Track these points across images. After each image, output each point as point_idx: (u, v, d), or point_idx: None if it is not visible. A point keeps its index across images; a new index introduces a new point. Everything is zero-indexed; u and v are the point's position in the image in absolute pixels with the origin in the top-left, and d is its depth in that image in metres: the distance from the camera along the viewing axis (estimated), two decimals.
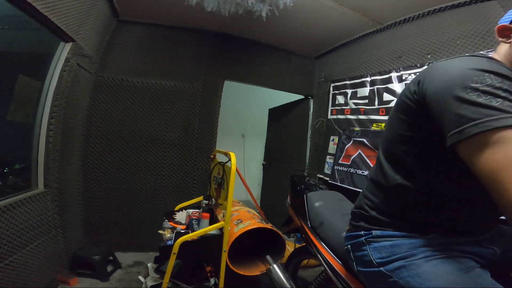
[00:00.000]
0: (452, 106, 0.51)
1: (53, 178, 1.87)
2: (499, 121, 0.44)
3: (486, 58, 0.59)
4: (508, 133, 0.43)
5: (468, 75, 0.51)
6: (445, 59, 0.61)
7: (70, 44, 1.88)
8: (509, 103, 0.46)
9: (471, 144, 0.47)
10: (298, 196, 1.43)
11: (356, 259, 0.78)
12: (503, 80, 0.49)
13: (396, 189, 0.69)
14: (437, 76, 0.57)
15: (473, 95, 0.48)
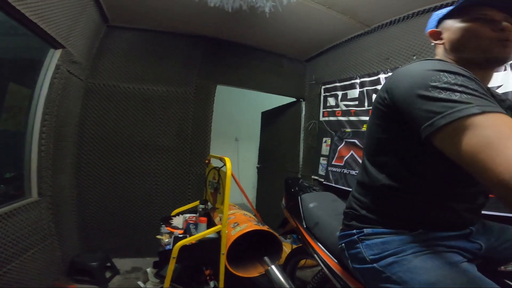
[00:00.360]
0: (419, 104, 0.56)
1: (47, 186, 1.85)
2: (461, 111, 0.49)
3: (437, 60, 0.66)
4: (472, 120, 0.48)
5: (427, 75, 0.58)
6: (406, 65, 0.68)
7: (60, 50, 1.88)
8: (466, 96, 0.51)
9: (443, 135, 0.52)
10: (292, 198, 1.46)
11: (350, 256, 0.81)
12: (456, 77, 0.56)
13: (381, 189, 0.73)
14: (401, 80, 0.63)
15: (435, 92, 0.54)
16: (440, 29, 0.78)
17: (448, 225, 0.71)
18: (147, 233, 2.52)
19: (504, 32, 0.66)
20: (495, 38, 0.67)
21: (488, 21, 0.68)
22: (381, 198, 0.75)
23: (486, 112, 0.48)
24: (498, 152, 0.43)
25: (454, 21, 0.74)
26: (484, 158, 0.44)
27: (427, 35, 0.82)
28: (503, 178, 0.41)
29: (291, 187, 1.55)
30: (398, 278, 0.65)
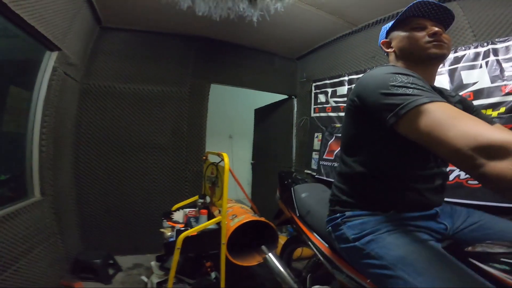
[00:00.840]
0: (383, 100, 0.69)
1: (48, 186, 1.90)
2: (415, 101, 0.62)
3: (391, 66, 0.86)
4: (425, 107, 0.60)
5: (386, 77, 0.72)
6: (368, 72, 0.84)
7: (56, 53, 1.91)
8: (417, 90, 0.65)
9: (404, 122, 0.64)
10: (286, 189, 1.55)
11: (336, 238, 0.92)
12: (408, 77, 0.70)
13: (356, 176, 0.88)
14: (367, 84, 0.77)
15: (394, 89, 0.68)
16: (389, 39, 0.96)
17: (415, 205, 0.84)
18: (147, 230, 2.59)
19: (436, 35, 0.83)
20: (429, 40, 0.84)
21: (423, 28, 0.86)
22: (357, 184, 0.89)
23: (434, 101, 0.61)
24: (449, 128, 0.54)
25: (398, 32, 0.91)
26: (439, 134, 0.56)
27: (380, 46, 1.01)
28: (456, 148, 0.52)
29: (284, 179, 1.65)
30: (376, 253, 0.76)
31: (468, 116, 0.56)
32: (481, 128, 0.51)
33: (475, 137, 0.50)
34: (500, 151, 0.46)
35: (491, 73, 1.58)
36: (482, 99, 1.61)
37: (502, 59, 1.54)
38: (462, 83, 1.71)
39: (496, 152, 0.47)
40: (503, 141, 0.47)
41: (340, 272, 1.02)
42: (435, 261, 0.66)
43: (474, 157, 0.49)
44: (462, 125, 0.53)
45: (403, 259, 0.69)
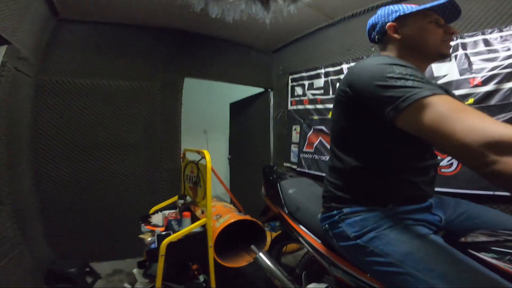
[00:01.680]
0: (380, 92, 0.66)
1: (5, 194, 1.70)
2: (417, 94, 0.60)
3: (386, 56, 0.80)
4: (428, 100, 0.58)
5: (382, 69, 0.68)
6: (360, 61, 0.79)
7: (5, 47, 1.68)
8: (417, 82, 0.62)
9: (405, 115, 0.62)
10: (272, 186, 1.51)
11: (334, 236, 0.89)
12: (406, 68, 0.66)
13: (351, 170, 0.84)
14: (361, 74, 0.73)
15: (392, 81, 0.64)
16: (398, 24, 0.87)
17: (411, 198, 0.84)
18: (124, 234, 2.44)
19: (451, 36, 0.84)
20: (445, 39, 0.84)
21: (440, 25, 0.84)
22: (352, 179, 0.86)
23: (436, 94, 0.59)
24: (455, 122, 0.53)
25: (416, 21, 0.85)
26: (445, 128, 0.54)
27: (386, 27, 0.90)
28: (465, 143, 0.50)
29: (269, 175, 1.61)
30: (381, 251, 0.74)
31: (473, 110, 0.55)
32: (490, 122, 0.50)
33: (485, 132, 0.48)
34: (510, 148, 0.45)
35: (460, 66, 1.68)
36: (452, 91, 1.70)
37: (470, 53, 1.63)
38: (433, 75, 1.80)
39: (505, 149, 0.46)
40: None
41: (337, 268, 1.02)
42: (441, 255, 0.66)
43: (485, 154, 0.47)
44: (469, 119, 0.52)
45: (411, 255, 0.69)
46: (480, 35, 1.61)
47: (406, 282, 0.67)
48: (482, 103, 1.57)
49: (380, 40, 0.94)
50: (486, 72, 1.57)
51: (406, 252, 0.70)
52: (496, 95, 1.54)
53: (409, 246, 0.71)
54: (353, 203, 0.85)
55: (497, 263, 0.65)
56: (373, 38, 0.97)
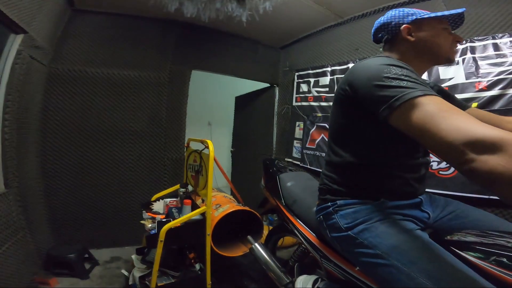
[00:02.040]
0: (376, 91, 0.69)
1: (13, 177, 1.75)
2: (409, 94, 0.62)
3: (386, 57, 0.81)
4: (419, 100, 0.61)
5: (380, 69, 0.71)
6: (361, 61, 0.82)
7: (21, 35, 1.74)
8: (411, 83, 0.65)
9: (398, 113, 0.64)
10: (271, 178, 1.55)
11: (328, 227, 0.93)
12: (402, 69, 0.70)
13: (347, 165, 0.88)
14: (360, 74, 0.77)
15: (388, 81, 0.67)
16: (412, 27, 0.88)
17: (403, 193, 0.87)
18: (124, 222, 2.50)
19: (457, 43, 0.89)
20: (454, 46, 0.88)
21: (449, 32, 0.88)
22: (347, 173, 0.90)
23: (427, 94, 0.61)
24: (441, 121, 0.55)
25: (433, 26, 0.87)
26: (431, 127, 0.56)
27: (400, 28, 0.90)
28: (447, 141, 0.53)
29: (269, 167, 1.64)
30: (369, 243, 0.78)
31: (460, 111, 0.57)
32: (473, 123, 0.52)
33: (467, 132, 0.51)
34: (492, 146, 0.47)
35: (467, 70, 1.67)
36: (456, 94, 1.69)
37: (479, 57, 1.62)
38: (439, 78, 1.79)
39: (487, 148, 0.48)
40: (495, 137, 0.48)
41: (328, 261, 1.05)
42: (425, 250, 0.69)
43: (465, 152, 0.50)
44: (454, 119, 0.54)
45: (397, 248, 0.72)
46: (491, 40, 1.60)
47: (391, 274, 0.70)
48: (485, 108, 1.56)
49: (388, 40, 0.95)
50: (492, 76, 1.56)
51: (392, 245, 0.73)
52: (500, 100, 1.53)
53: (395, 240, 0.74)
54: (347, 196, 0.89)
55: (477, 262, 0.67)
56: (380, 37, 0.97)
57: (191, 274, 1.63)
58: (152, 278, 1.43)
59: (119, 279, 1.95)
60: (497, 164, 0.46)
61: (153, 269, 1.42)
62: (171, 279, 1.56)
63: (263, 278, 1.79)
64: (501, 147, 0.46)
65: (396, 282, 0.69)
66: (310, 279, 1.15)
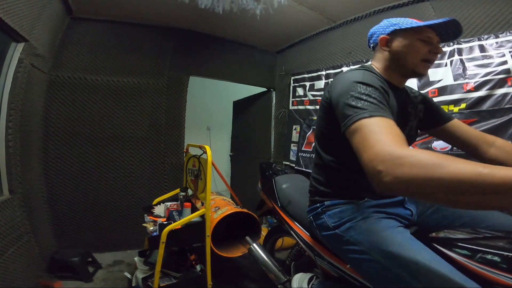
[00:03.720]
0: (341, 109, 0.75)
1: (17, 183, 1.80)
2: (358, 115, 0.68)
3: (363, 70, 0.86)
4: (363, 122, 0.66)
5: (350, 86, 0.77)
6: (343, 73, 0.88)
7: (22, 44, 1.79)
8: (367, 103, 0.70)
9: (349, 132, 0.70)
10: (267, 180, 1.60)
11: (317, 226, 0.99)
12: (367, 87, 0.74)
13: (331, 167, 0.94)
14: (336, 87, 0.83)
15: (350, 100, 0.73)
16: (390, 38, 0.91)
17: None
18: (125, 226, 2.55)
19: (435, 56, 0.88)
20: (425, 59, 0.87)
21: (428, 43, 0.86)
22: (332, 175, 0.95)
23: (373, 116, 0.66)
24: (367, 143, 0.62)
25: (407, 36, 0.88)
26: (361, 148, 0.63)
27: (378, 39, 0.94)
28: (366, 163, 0.60)
29: (265, 170, 1.70)
30: (355, 240, 0.83)
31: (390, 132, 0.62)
32: (387, 143, 0.58)
33: (377, 154, 0.57)
34: (397, 161, 0.53)
35: (455, 72, 1.72)
36: (445, 95, 1.75)
37: (466, 58, 1.67)
38: (429, 80, 1.85)
39: (394, 163, 0.53)
40: (398, 154, 0.54)
41: (322, 259, 1.10)
42: (406, 245, 0.74)
43: (370, 172, 0.58)
44: (375, 139, 0.61)
45: (379, 244, 0.77)
46: (476, 41, 1.65)
47: (374, 268, 0.75)
48: (473, 108, 1.62)
49: (374, 48, 1.00)
50: (479, 77, 1.61)
51: (374, 241, 0.78)
52: (488, 100, 1.58)
53: (377, 236, 0.79)
54: (333, 196, 0.94)
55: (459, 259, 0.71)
56: (370, 45, 1.03)
57: (192, 275, 1.67)
58: (155, 279, 1.47)
59: (122, 282, 2.00)
60: (402, 174, 0.51)
61: (155, 270, 1.47)
62: (172, 280, 1.61)
63: (262, 279, 1.83)
64: (402, 161, 0.52)
65: (379, 276, 0.74)
66: (306, 276, 1.20)
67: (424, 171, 0.49)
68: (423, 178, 0.49)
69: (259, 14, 1.90)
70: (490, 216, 0.88)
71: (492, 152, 0.93)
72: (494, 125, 1.53)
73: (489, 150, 0.94)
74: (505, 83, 1.52)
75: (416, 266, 0.67)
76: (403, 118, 0.94)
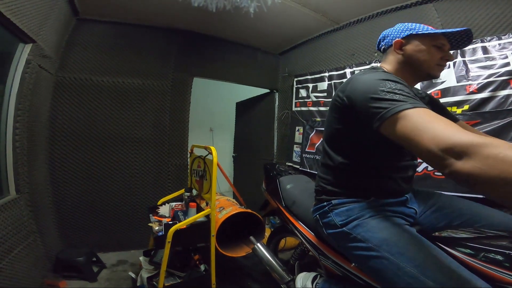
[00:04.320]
0: (372, 103, 0.75)
1: (24, 183, 1.82)
2: (400, 106, 0.68)
3: (382, 72, 0.88)
4: (407, 112, 0.66)
5: (377, 83, 0.77)
6: (359, 74, 0.88)
7: (30, 45, 1.81)
8: (403, 97, 0.70)
9: (388, 123, 0.70)
10: (272, 181, 1.62)
11: (324, 225, 1.00)
12: (396, 84, 0.75)
13: (339, 167, 0.96)
14: (358, 88, 0.83)
15: (382, 94, 0.73)
16: (405, 41, 0.95)
17: (391, 192, 0.94)
18: (129, 226, 2.56)
19: (446, 62, 0.92)
20: (440, 63, 0.92)
21: (441, 49, 0.91)
22: (340, 175, 0.97)
23: (416, 107, 0.67)
24: (424, 131, 0.61)
25: (423, 42, 0.92)
26: (415, 136, 0.62)
27: (392, 42, 0.98)
28: (428, 149, 0.59)
29: (270, 171, 1.72)
30: (362, 237, 0.85)
31: (441, 120, 0.62)
32: (451, 130, 0.57)
33: (444, 139, 0.56)
34: (467, 151, 0.51)
35: (458, 73, 1.73)
36: (448, 97, 1.76)
37: (469, 60, 1.68)
38: (432, 82, 1.86)
39: (463, 153, 0.52)
40: (469, 142, 0.52)
41: (326, 258, 1.11)
42: (412, 242, 0.76)
43: (444, 157, 0.55)
44: (435, 128, 0.60)
45: (387, 241, 0.79)
46: (479, 43, 1.66)
47: (382, 264, 0.77)
48: (476, 110, 1.63)
49: (385, 50, 1.03)
50: (482, 79, 1.62)
51: (382, 238, 0.80)
52: (490, 102, 1.59)
53: (385, 233, 0.81)
54: (341, 195, 0.96)
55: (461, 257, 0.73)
56: (380, 47, 1.06)
57: (196, 274, 1.69)
58: (160, 278, 1.49)
59: (126, 282, 2.01)
60: (473, 167, 0.50)
61: (160, 269, 1.48)
62: (177, 279, 1.62)
63: (266, 279, 1.84)
64: (473, 152, 0.51)
65: (386, 272, 0.76)
66: (310, 276, 1.21)
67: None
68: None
69: (253, 12, 1.90)
70: (491, 214, 0.90)
71: None
72: (497, 126, 1.53)
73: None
74: (508, 85, 1.53)
75: (424, 262, 0.69)
76: None
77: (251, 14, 1.91)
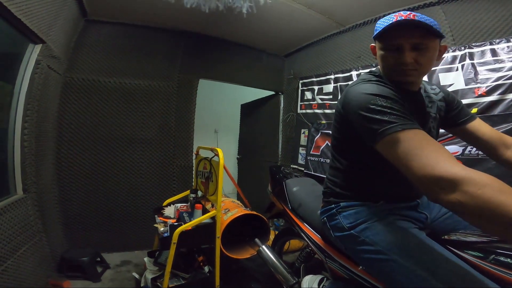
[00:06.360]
0: (363, 122, 0.75)
1: (31, 183, 1.84)
2: (389, 129, 0.68)
3: (375, 84, 0.80)
4: (397, 136, 0.67)
5: (367, 99, 0.75)
6: (352, 86, 0.86)
7: (39, 45, 1.84)
8: (393, 116, 0.70)
9: (380, 145, 0.71)
10: (278, 183, 1.62)
11: (331, 227, 0.99)
12: (387, 100, 0.73)
13: (348, 170, 0.96)
14: (351, 100, 0.81)
15: (372, 113, 0.72)
16: (375, 45, 0.88)
17: (400, 196, 0.93)
18: (134, 227, 2.57)
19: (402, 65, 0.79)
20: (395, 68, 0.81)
21: (395, 50, 0.79)
22: (349, 178, 0.97)
23: (406, 129, 0.67)
24: (412, 159, 0.62)
25: (378, 45, 0.85)
26: (405, 163, 0.64)
27: (371, 49, 0.92)
28: (417, 176, 0.61)
29: (275, 174, 1.71)
30: (370, 240, 0.84)
31: (430, 145, 0.63)
32: (438, 160, 0.59)
33: (431, 171, 0.58)
34: (450, 185, 0.55)
35: (466, 76, 1.72)
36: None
37: (477, 62, 1.66)
38: (440, 84, 1.84)
39: (447, 186, 0.55)
40: (452, 176, 0.55)
41: (333, 261, 1.10)
42: (422, 245, 0.75)
43: (431, 187, 0.58)
44: (424, 156, 0.61)
45: (396, 244, 0.78)
46: (488, 45, 1.64)
47: (391, 267, 0.76)
48: (485, 113, 1.61)
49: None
50: (491, 82, 1.60)
51: (391, 241, 0.79)
52: (499, 105, 1.57)
53: (394, 237, 0.80)
54: (349, 198, 0.95)
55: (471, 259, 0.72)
56: None
57: (200, 276, 1.68)
58: (165, 279, 1.49)
59: (129, 282, 2.02)
60: (455, 199, 0.53)
61: (165, 270, 1.48)
62: (181, 280, 1.62)
63: (270, 281, 1.83)
64: (455, 186, 0.54)
65: (396, 275, 0.75)
66: (316, 278, 1.20)
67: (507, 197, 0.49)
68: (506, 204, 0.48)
69: (245, 13, 1.89)
70: None
71: (509, 155, 0.92)
72: (506, 130, 1.51)
73: (506, 153, 0.93)
74: None
75: (434, 264, 0.68)
76: (421, 121, 0.89)
77: (244, 14, 1.90)
